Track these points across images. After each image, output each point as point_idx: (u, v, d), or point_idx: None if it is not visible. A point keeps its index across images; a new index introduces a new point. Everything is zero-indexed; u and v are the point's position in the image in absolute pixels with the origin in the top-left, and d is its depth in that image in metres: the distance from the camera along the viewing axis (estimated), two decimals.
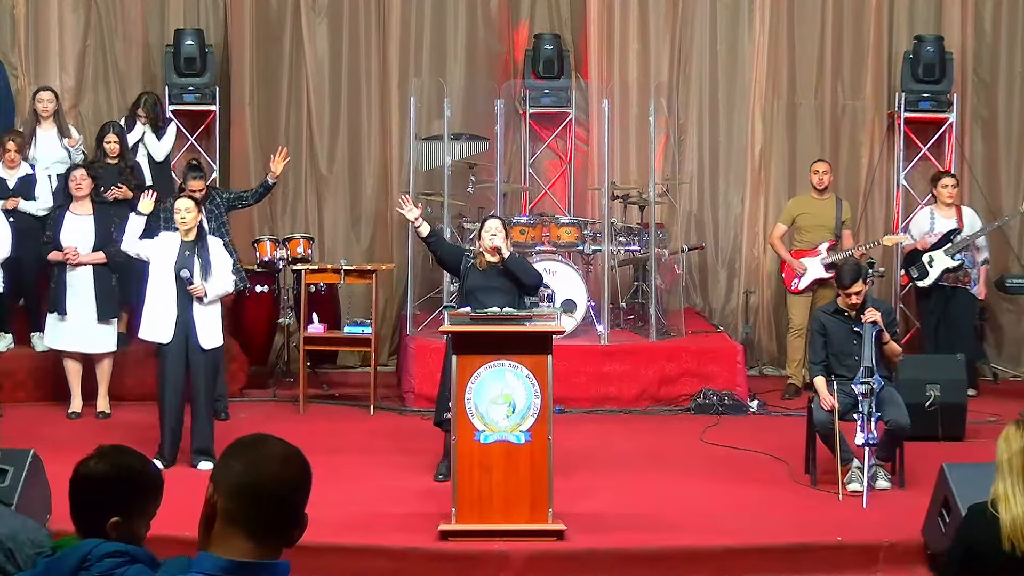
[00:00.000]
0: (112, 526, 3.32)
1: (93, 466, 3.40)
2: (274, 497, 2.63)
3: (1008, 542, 4.23)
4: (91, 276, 9.25)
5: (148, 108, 10.46)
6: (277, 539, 2.65)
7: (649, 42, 11.61)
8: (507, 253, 7.91)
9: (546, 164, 11.87)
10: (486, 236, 7.90)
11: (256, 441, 2.71)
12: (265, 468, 2.64)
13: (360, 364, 11.00)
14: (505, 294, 7.74)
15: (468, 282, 7.90)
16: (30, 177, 9.83)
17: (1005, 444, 4.33)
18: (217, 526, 2.63)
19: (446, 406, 7.72)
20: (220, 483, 2.65)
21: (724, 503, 7.53)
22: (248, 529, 2.61)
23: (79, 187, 9.31)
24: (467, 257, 8.00)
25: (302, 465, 2.70)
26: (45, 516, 6.40)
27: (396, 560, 6.71)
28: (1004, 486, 4.28)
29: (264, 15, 11.45)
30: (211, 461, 8.00)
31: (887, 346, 7.83)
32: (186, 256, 8.11)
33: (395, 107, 11.43)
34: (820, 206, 10.47)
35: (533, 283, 8.06)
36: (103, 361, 9.41)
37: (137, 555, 3.30)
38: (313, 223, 11.47)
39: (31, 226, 9.61)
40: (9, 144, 9.72)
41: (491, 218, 8.14)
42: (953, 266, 10.28)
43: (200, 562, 2.62)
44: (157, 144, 10.45)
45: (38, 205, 9.77)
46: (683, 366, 10.03)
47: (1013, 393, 10.54)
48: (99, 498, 3.35)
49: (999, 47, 11.66)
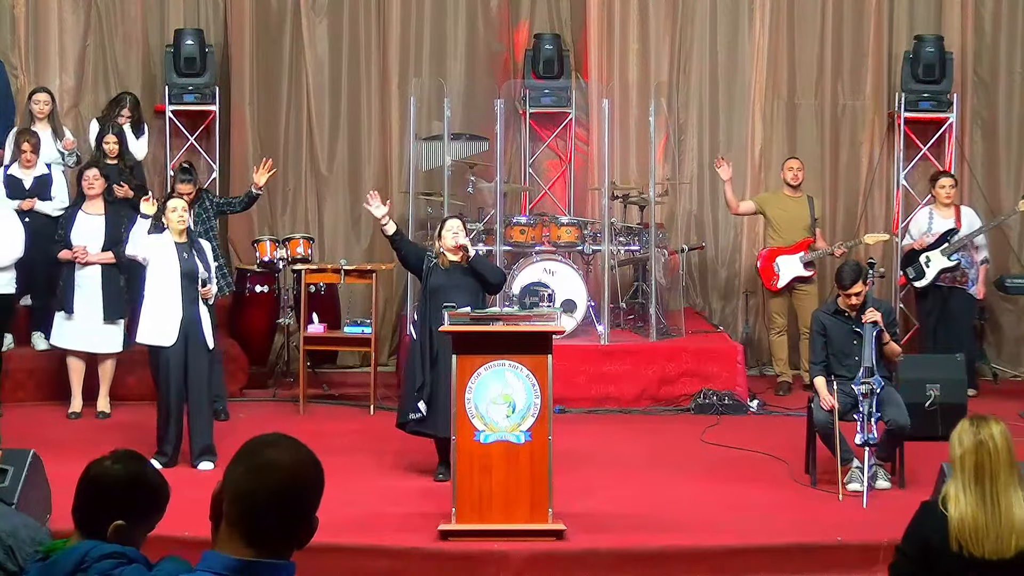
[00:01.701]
0: (115, 529, 3.32)
1: (108, 466, 3.40)
2: (272, 506, 2.59)
3: (956, 542, 4.13)
4: (99, 276, 9.27)
5: (131, 108, 10.46)
6: (281, 544, 2.62)
7: (649, 42, 11.61)
8: (472, 252, 7.93)
9: (546, 164, 11.87)
10: (448, 236, 7.88)
11: (268, 444, 2.65)
12: (267, 479, 2.59)
13: (360, 364, 11.00)
14: (469, 293, 7.73)
15: (431, 282, 7.87)
16: (46, 177, 9.82)
17: (957, 441, 4.23)
18: (223, 527, 2.62)
19: (412, 406, 7.73)
20: (226, 484, 2.63)
21: (724, 503, 7.53)
22: (248, 533, 2.59)
23: (91, 187, 9.33)
24: (429, 256, 7.98)
25: (309, 475, 2.64)
26: (45, 516, 6.40)
27: (396, 560, 6.71)
28: (955, 485, 4.19)
29: (264, 15, 11.45)
30: (211, 461, 8.02)
31: (887, 346, 7.83)
32: (186, 258, 8.10)
33: (395, 107, 11.43)
34: (793, 204, 10.52)
35: (497, 281, 8.09)
36: (106, 361, 9.41)
37: (135, 557, 3.30)
38: (313, 223, 11.47)
39: (46, 226, 9.62)
40: (25, 145, 9.70)
41: (451, 218, 8.16)
42: (950, 266, 10.29)
43: (206, 560, 2.60)
44: (136, 143, 10.43)
45: (54, 205, 9.76)
46: (683, 366, 10.03)
47: (1013, 393, 10.55)
48: (108, 499, 3.34)
49: (999, 47, 11.66)
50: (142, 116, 10.63)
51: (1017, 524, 4.14)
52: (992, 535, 4.12)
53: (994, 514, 4.14)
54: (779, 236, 10.49)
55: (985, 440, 4.19)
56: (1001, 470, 4.17)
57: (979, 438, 4.20)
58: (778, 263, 10.46)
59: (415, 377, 7.78)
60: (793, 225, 10.46)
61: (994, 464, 4.17)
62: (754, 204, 10.72)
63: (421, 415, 7.72)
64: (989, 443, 4.19)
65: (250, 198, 9.64)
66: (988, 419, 4.29)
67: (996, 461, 4.17)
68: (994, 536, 4.12)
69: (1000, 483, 4.16)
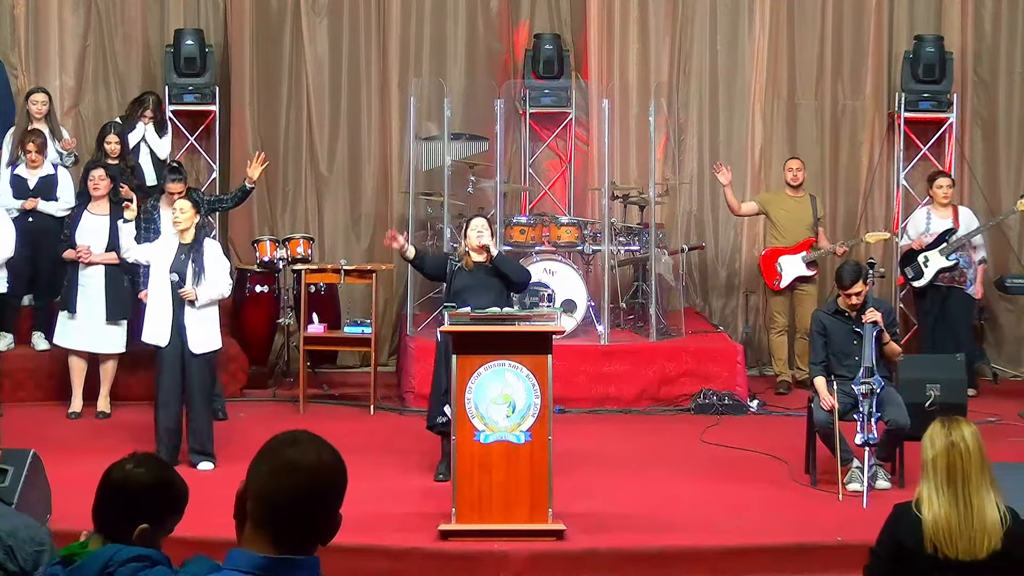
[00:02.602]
0: (140, 533, 3.32)
1: (131, 470, 3.40)
2: (295, 505, 2.61)
3: (930, 543, 4.14)
4: (103, 276, 9.26)
5: (153, 108, 10.51)
6: (306, 540, 2.64)
7: (649, 42, 11.61)
8: (495, 252, 7.93)
9: (546, 164, 11.87)
10: (472, 235, 7.90)
11: (291, 442, 2.66)
12: (290, 480, 2.61)
13: (360, 364, 11.00)
14: (494, 293, 7.73)
15: (456, 283, 7.88)
16: (51, 177, 9.82)
17: (929, 443, 4.23)
18: (248, 526, 2.63)
19: (439, 409, 7.73)
20: (249, 484, 2.64)
21: (724, 503, 7.53)
22: (273, 531, 2.60)
23: (96, 187, 9.33)
24: (452, 260, 8.00)
25: (332, 473, 2.66)
26: (45, 516, 6.40)
27: (396, 560, 6.71)
28: (927, 487, 4.20)
29: (264, 15, 11.44)
30: (211, 461, 7.99)
31: (887, 346, 7.83)
32: (181, 259, 8.10)
33: (395, 107, 11.42)
34: (795, 204, 10.53)
35: (522, 281, 8.07)
36: (108, 362, 9.41)
37: (158, 559, 3.30)
38: (313, 223, 11.46)
39: (51, 226, 9.62)
40: (29, 145, 9.71)
41: (476, 217, 8.15)
42: (948, 266, 10.29)
43: (233, 559, 2.61)
44: (159, 143, 10.48)
45: (58, 206, 9.75)
46: (683, 366, 10.03)
47: (1013, 393, 10.54)
48: (134, 503, 3.35)
49: (999, 47, 11.66)
50: (164, 116, 10.67)
51: (989, 525, 4.15)
52: (965, 536, 4.14)
53: (967, 515, 4.15)
54: (781, 236, 10.50)
55: (957, 442, 4.19)
56: (973, 471, 4.18)
57: (951, 440, 4.20)
58: (780, 263, 10.47)
59: (441, 381, 7.77)
60: (795, 225, 10.48)
61: (966, 465, 4.18)
62: (756, 205, 10.74)
63: (447, 419, 7.71)
64: (960, 444, 4.19)
65: (244, 192, 9.59)
66: (959, 421, 4.30)
67: (968, 462, 4.18)
68: (967, 537, 4.14)
69: (972, 484, 4.17)
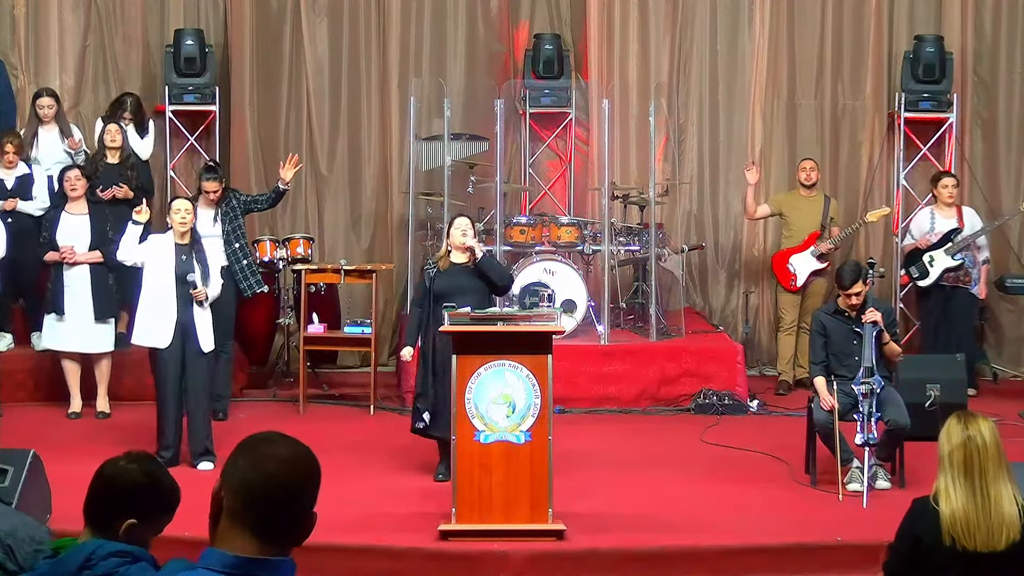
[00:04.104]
0: (127, 528, 3.33)
1: (124, 466, 3.42)
2: (275, 498, 2.60)
3: (948, 536, 4.20)
4: (88, 276, 9.25)
5: (132, 109, 10.47)
6: (282, 538, 2.63)
7: (649, 42, 11.61)
8: (480, 253, 7.87)
9: (546, 164, 11.87)
10: (456, 234, 7.84)
11: (265, 439, 2.68)
12: (268, 468, 2.61)
13: (360, 364, 11.00)
14: (475, 295, 7.67)
15: (436, 287, 7.81)
16: (27, 177, 9.83)
17: (946, 438, 4.29)
18: (223, 522, 2.62)
19: (420, 414, 7.73)
20: (226, 479, 2.64)
21: (724, 503, 7.53)
22: (251, 527, 2.60)
23: (73, 188, 9.31)
24: (427, 271, 7.93)
25: (308, 467, 2.67)
26: (45, 516, 6.39)
27: (396, 560, 6.71)
28: (945, 480, 4.26)
29: (264, 15, 11.45)
30: (211, 461, 8.02)
31: (887, 346, 7.83)
32: (183, 260, 8.08)
33: (395, 107, 11.42)
34: (808, 204, 10.55)
35: (505, 283, 8.02)
36: (101, 361, 9.40)
37: (141, 555, 3.31)
38: (313, 223, 11.46)
39: (29, 227, 9.62)
40: (8, 146, 9.73)
41: (460, 216, 8.08)
42: (954, 266, 10.30)
43: (206, 557, 2.60)
44: (141, 143, 10.44)
45: (36, 205, 9.77)
46: (683, 366, 10.03)
47: (1013, 393, 10.55)
48: (124, 498, 3.37)
49: (999, 47, 11.66)
50: (145, 116, 10.63)
51: (1008, 517, 4.21)
52: (984, 528, 4.20)
53: (984, 507, 4.21)
54: (793, 236, 10.51)
55: (973, 435, 4.26)
56: (990, 464, 4.24)
57: (968, 433, 4.27)
58: (792, 262, 10.48)
59: (425, 383, 7.80)
60: (807, 225, 10.50)
61: (983, 459, 4.24)
62: (770, 207, 10.72)
63: (425, 424, 7.74)
64: (977, 438, 4.25)
65: (277, 194, 9.64)
66: (976, 415, 4.36)
67: (984, 456, 4.24)
68: (985, 529, 4.20)
69: (989, 476, 4.23)
